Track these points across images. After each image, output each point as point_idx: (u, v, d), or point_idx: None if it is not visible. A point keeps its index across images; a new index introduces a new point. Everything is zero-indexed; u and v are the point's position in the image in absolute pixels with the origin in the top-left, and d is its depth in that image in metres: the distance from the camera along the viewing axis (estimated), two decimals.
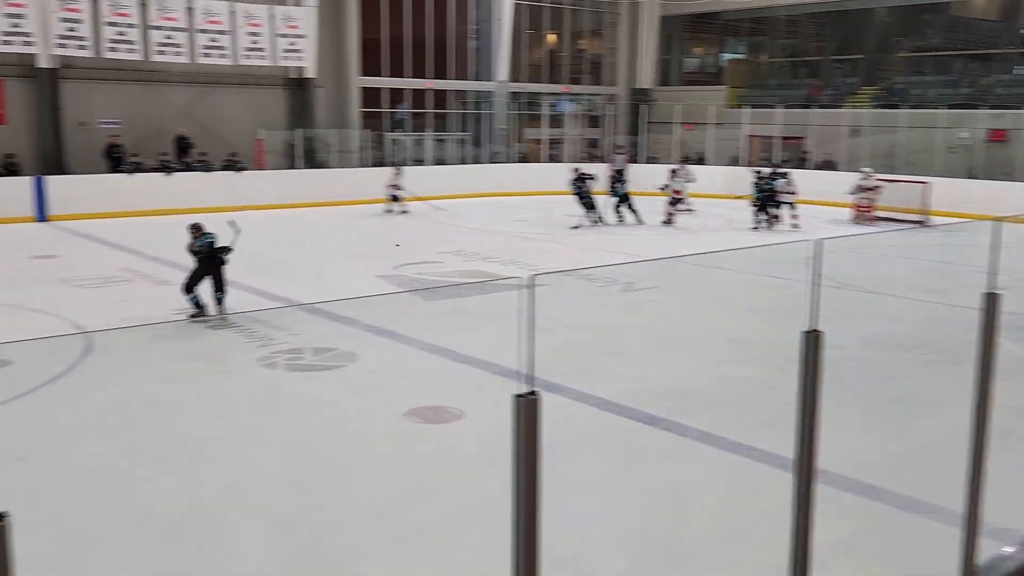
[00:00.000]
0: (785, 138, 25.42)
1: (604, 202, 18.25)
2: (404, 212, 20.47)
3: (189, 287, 9.54)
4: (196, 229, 9.82)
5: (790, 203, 18.46)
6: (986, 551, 3.43)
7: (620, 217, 18.75)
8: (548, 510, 2.14)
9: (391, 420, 6.44)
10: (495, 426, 6.37)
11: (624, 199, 18.88)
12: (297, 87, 23.87)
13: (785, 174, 19.03)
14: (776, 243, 15.32)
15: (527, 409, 1.98)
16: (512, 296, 2.09)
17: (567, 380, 6.99)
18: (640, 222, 18.49)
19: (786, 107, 25.57)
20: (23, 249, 14.42)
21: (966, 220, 18.32)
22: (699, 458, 5.90)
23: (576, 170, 18.55)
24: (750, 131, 25.80)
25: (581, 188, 18.05)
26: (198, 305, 9.54)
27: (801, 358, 2.83)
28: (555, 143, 28.13)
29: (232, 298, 10.58)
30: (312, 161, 23.57)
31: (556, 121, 28.42)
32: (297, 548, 4.61)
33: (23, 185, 18.32)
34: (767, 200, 18.45)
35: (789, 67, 31.62)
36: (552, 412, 2.13)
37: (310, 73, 23.63)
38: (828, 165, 24.30)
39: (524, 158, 27.92)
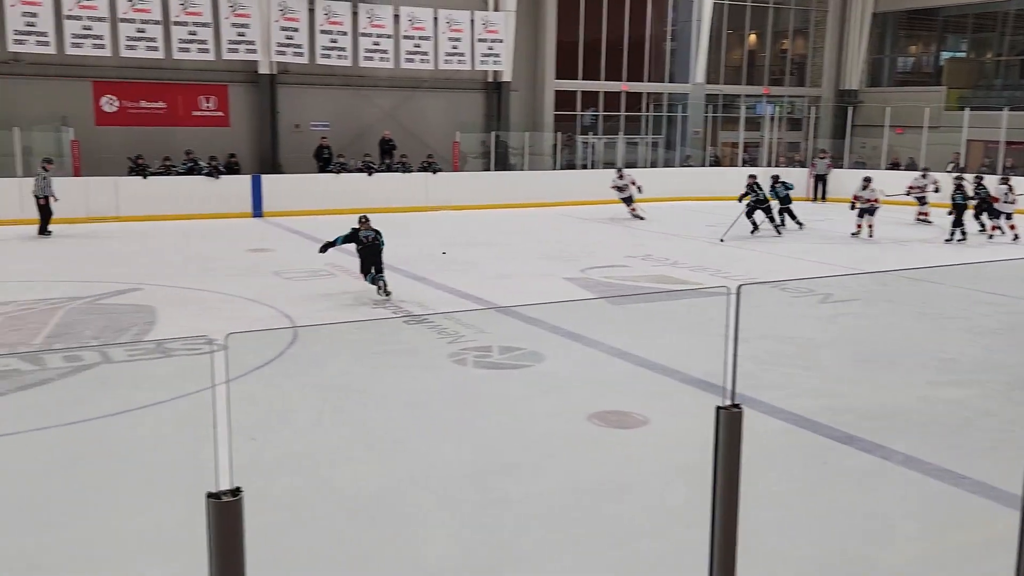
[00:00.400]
0: (1011, 143, 23.33)
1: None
2: (640, 218, 19.69)
3: (365, 274, 10.94)
4: (365, 221, 11.16)
5: (1008, 213, 16.90)
6: None
7: (780, 222, 18.13)
8: (741, 523, 2.03)
9: (575, 422, 6.41)
10: (680, 434, 6.21)
11: (785, 201, 18.23)
12: (493, 90, 24.43)
13: (1006, 180, 17.42)
14: (1005, 259, 14.08)
15: (729, 421, 1.88)
16: (700, 304, 1.98)
17: (760, 392, 6.71)
18: (776, 229, 17.67)
19: (1012, 109, 23.47)
20: (241, 243, 15.58)
21: None
22: (901, 483, 5.49)
23: (751, 177, 17.91)
24: (971, 135, 23.88)
25: (747, 195, 17.47)
26: (375, 283, 10.90)
27: None
28: (751, 147, 27.24)
29: (425, 295, 10.99)
30: (504, 163, 24.07)
31: (753, 124, 27.51)
32: (477, 541, 4.68)
33: (243, 183, 19.83)
34: (979, 209, 17.00)
35: (1019, 66, 28.98)
36: (744, 423, 2.02)
37: (506, 77, 24.13)
38: None
39: (717, 162, 27.23)
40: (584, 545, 4.62)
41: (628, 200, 20.05)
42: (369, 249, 10.95)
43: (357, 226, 11.08)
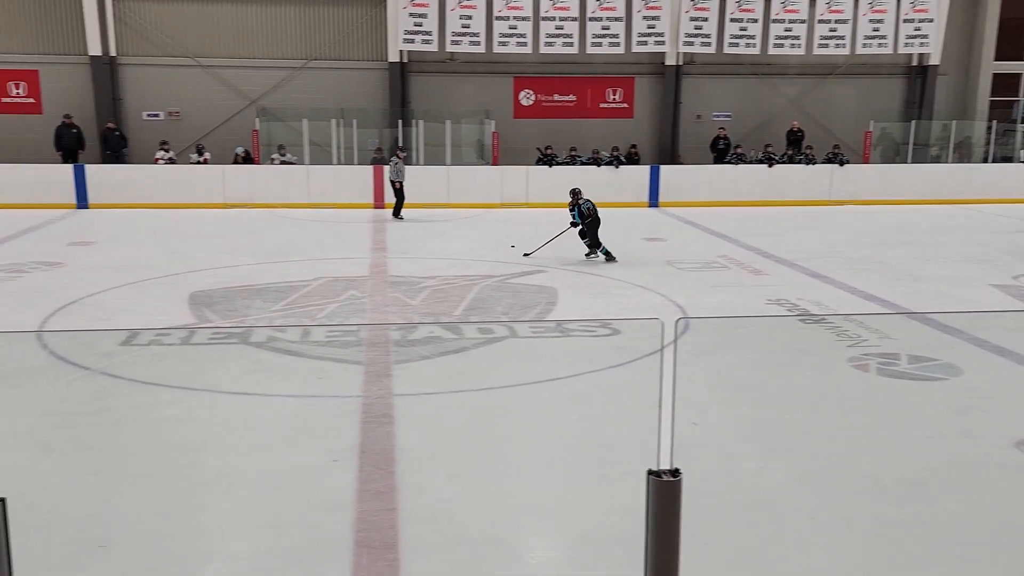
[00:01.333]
0: None
1: None
2: None
3: (581, 236, 12.59)
4: (576, 194, 12.68)
5: None
6: None
7: None
8: None
9: (999, 448, 5.61)
10: None
11: None
12: (916, 75, 22.36)
13: None
14: None
15: None
16: None
17: None
18: None
19: None
20: (637, 231, 15.95)
21: None
22: None
23: None
24: None
25: None
26: (606, 252, 12.44)
27: None
28: None
29: (824, 294, 10.37)
30: (924, 155, 21.93)
31: None
32: (869, 559, 4.26)
33: (642, 173, 20.28)
34: None
35: None
36: None
37: (933, 60, 21.94)
38: None
39: None
40: None
41: None
42: (594, 221, 12.41)
43: (579, 200, 12.54)
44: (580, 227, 12.68)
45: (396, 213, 17.61)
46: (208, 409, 6.30)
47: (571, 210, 12.77)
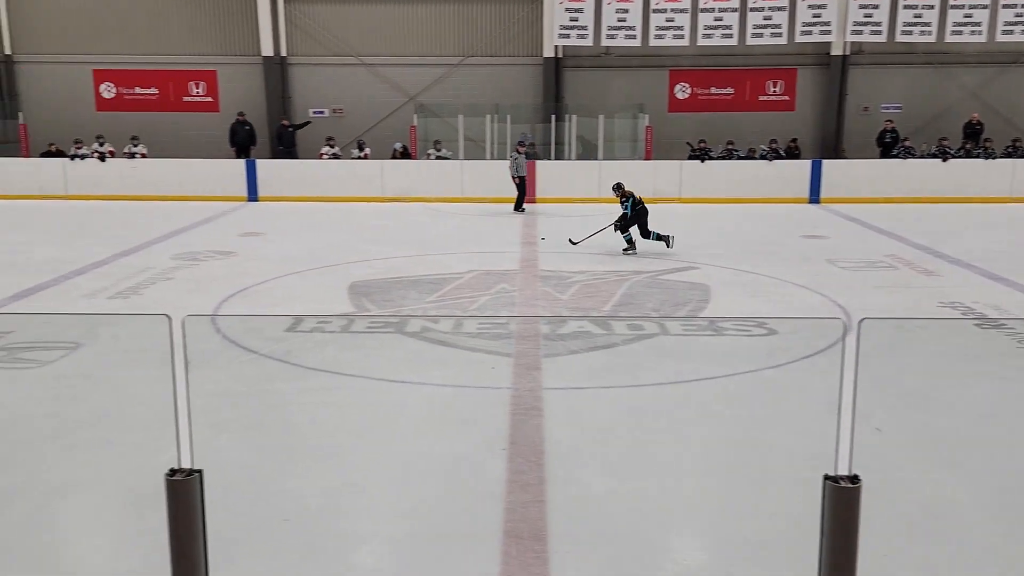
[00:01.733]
0: None
1: None
2: None
3: (622, 230, 12.78)
4: (620, 189, 13.03)
5: None
6: None
7: None
8: None
9: None
10: None
11: None
12: None
13: None
14: None
15: None
16: None
17: None
18: None
19: None
20: (795, 228, 15.36)
21: None
22: None
23: None
24: None
25: None
26: (630, 242, 12.72)
27: None
28: None
29: (1004, 297, 9.69)
30: None
31: None
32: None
33: (802, 168, 19.47)
34: None
35: None
36: None
37: None
38: None
39: None
40: None
41: None
42: (642, 211, 12.74)
43: (625, 195, 12.82)
44: (621, 222, 12.82)
45: (518, 207, 17.69)
46: (366, 395, 6.52)
47: (623, 202, 12.85)
